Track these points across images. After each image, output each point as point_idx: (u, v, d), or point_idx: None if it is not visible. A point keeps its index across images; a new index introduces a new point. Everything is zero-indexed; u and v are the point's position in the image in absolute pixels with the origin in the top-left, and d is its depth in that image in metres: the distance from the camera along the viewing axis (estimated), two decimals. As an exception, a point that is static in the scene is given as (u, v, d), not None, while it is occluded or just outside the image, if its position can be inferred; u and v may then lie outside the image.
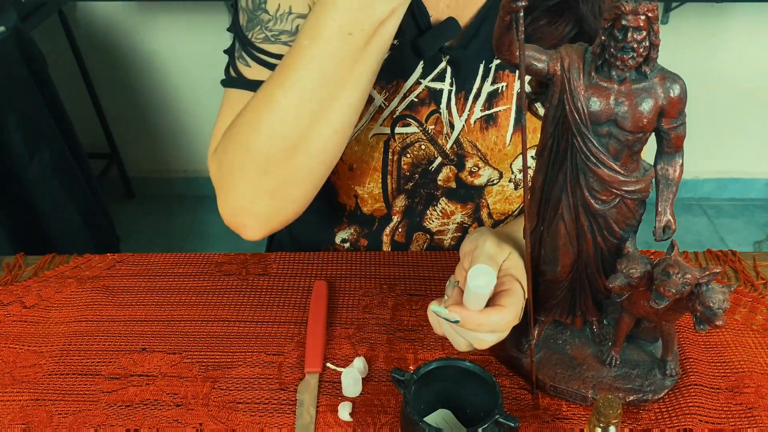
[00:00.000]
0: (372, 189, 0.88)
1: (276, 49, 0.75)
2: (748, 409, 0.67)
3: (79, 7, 2.28)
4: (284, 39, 0.75)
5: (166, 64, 2.39)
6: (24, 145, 1.68)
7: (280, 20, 0.75)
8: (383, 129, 0.82)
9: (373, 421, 0.67)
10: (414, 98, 0.81)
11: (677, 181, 0.60)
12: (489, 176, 0.86)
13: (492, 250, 0.66)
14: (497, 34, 0.53)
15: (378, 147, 0.83)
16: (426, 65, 0.80)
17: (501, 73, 0.81)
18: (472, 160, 0.84)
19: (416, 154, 0.84)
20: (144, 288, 0.85)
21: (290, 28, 0.75)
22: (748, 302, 0.80)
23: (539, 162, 0.62)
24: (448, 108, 0.81)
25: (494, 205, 0.90)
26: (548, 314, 0.71)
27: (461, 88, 0.81)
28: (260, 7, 0.75)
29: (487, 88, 0.81)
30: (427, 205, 0.90)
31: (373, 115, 0.81)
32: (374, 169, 0.85)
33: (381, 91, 0.80)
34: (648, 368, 0.68)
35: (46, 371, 0.74)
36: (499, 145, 0.83)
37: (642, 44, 0.52)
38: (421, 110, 0.81)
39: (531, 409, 0.68)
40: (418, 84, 0.80)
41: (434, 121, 0.82)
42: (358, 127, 0.81)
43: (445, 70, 0.80)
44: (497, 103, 0.81)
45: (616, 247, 0.63)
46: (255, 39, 0.76)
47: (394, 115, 0.81)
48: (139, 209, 2.59)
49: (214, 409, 0.69)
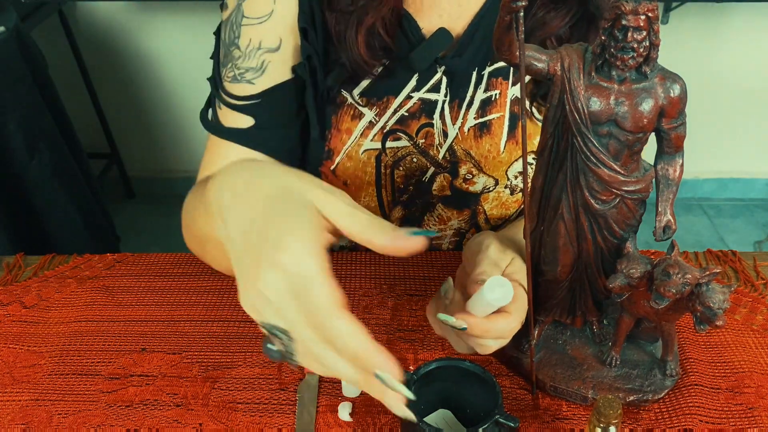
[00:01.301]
0: (368, 203, 0.87)
1: (240, 89, 0.77)
2: (748, 409, 0.67)
3: (79, 7, 2.28)
4: (248, 77, 0.76)
5: (166, 64, 2.39)
6: (24, 145, 1.68)
7: (248, 57, 0.76)
8: (374, 144, 0.81)
9: (373, 422, 0.67)
10: (405, 112, 0.81)
11: (677, 181, 0.60)
12: (484, 183, 0.85)
13: (496, 256, 0.66)
14: (497, 34, 0.53)
15: (370, 162, 0.83)
16: (421, 77, 0.79)
17: (494, 81, 0.80)
18: (466, 166, 0.84)
19: (408, 167, 0.84)
20: (144, 288, 0.85)
21: (256, 65, 0.76)
22: (748, 302, 0.80)
23: (539, 162, 0.62)
24: (442, 117, 0.81)
25: (491, 211, 0.89)
26: (548, 314, 0.71)
27: (455, 96, 0.81)
28: (234, 43, 0.76)
29: (480, 96, 0.81)
30: (424, 212, 0.89)
31: (363, 131, 0.81)
32: (368, 183, 0.85)
33: (372, 108, 0.80)
34: (648, 368, 0.68)
35: (45, 371, 0.74)
36: (493, 152, 0.82)
37: (642, 44, 0.52)
38: (412, 124, 0.81)
39: (531, 409, 0.68)
40: (409, 98, 0.80)
41: (425, 135, 0.82)
42: (348, 144, 0.81)
43: (440, 80, 0.80)
44: (490, 111, 0.81)
45: (616, 247, 0.63)
46: (225, 78, 0.77)
47: (384, 130, 0.81)
48: (139, 209, 2.59)
49: (214, 409, 0.69)
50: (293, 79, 0.78)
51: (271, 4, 0.75)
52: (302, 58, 0.77)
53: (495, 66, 0.80)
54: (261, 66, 0.76)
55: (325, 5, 0.75)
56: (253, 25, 0.75)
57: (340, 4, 0.74)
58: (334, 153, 0.82)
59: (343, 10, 0.74)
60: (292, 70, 0.77)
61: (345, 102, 0.80)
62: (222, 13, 0.79)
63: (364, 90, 0.80)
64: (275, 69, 0.76)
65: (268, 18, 0.75)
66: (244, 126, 0.77)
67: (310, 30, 0.75)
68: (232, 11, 0.76)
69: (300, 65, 0.77)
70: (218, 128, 0.79)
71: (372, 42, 0.75)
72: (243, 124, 0.77)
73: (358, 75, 0.78)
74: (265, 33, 0.75)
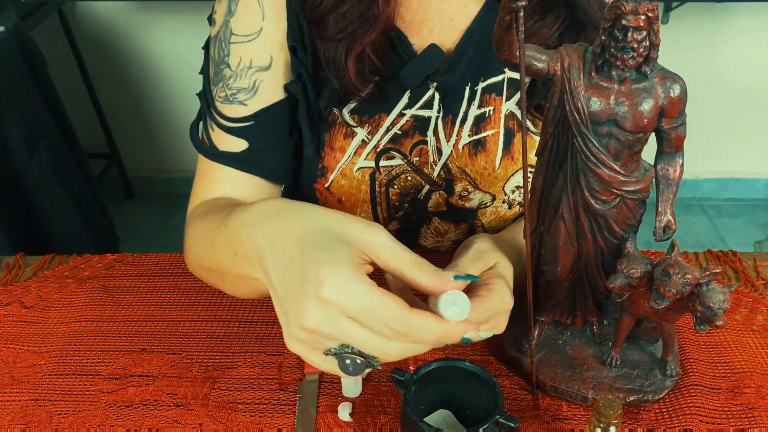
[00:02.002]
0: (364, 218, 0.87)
1: (232, 111, 0.76)
2: (748, 409, 0.67)
3: (79, 6, 2.28)
4: (240, 98, 0.76)
5: (166, 64, 2.39)
6: (24, 145, 1.68)
7: (240, 76, 0.75)
8: (368, 162, 0.81)
9: (373, 422, 0.67)
10: (397, 131, 0.80)
11: (677, 181, 0.60)
12: (480, 200, 0.85)
13: (476, 255, 0.64)
14: (497, 34, 0.53)
15: (364, 180, 0.82)
16: (413, 94, 0.79)
17: (487, 97, 0.80)
18: (461, 184, 0.83)
19: (403, 185, 0.83)
20: (144, 288, 0.85)
21: (248, 85, 0.75)
22: (748, 302, 0.80)
23: (539, 162, 0.62)
24: (436, 134, 0.80)
25: (489, 224, 0.88)
26: (548, 314, 0.71)
27: (448, 112, 0.80)
28: (224, 61, 0.76)
29: (474, 112, 0.80)
30: (420, 225, 0.89)
31: (356, 149, 0.80)
32: (363, 201, 0.84)
33: (364, 126, 0.80)
34: (648, 368, 0.68)
35: (45, 371, 0.74)
36: (489, 169, 0.81)
37: (642, 44, 0.52)
38: (405, 142, 0.81)
39: (531, 410, 0.68)
40: (401, 116, 0.80)
41: (418, 153, 0.81)
42: (342, 162, 0.81)
43: (432, 97, 0.79)
44: (485, 128, 0.80)
45: (616, 247, 0.63)
46: (217, 97, 0.77)
47: (377, 149, 0.81)
48: (139, 209, 2.59)
49: (213, 410, 0.69)
50: (286, 98, 0.78)
51: (260, 21, 0.74)
52: (293, 76, 0.77)
53: (488, 81, 0.79)
54: (253, 86, 0.75)
55: (314, 32, 0.75)
56: (242, 43, 0.75)
57: (329, 31, 0.73)
58: (328, 171, 0.81)
59: (332, 37, 0.74)
60: (284, 89, 0.77)
61: (337, 120, 0.80)
62: (210, 28, 0.78)
63: (355, 108, 0.79)
64: (267, 89, 0.76)
65: (258, 36, 0.75)
66: (238, 150, 0.77)
67: (299, 48, 0.75)
68: (220, 27, 0.76)
69: (292, 83, 0.77)
70: (212, 152, 0.78)
71: (362, 67, 0.75)
72: (236, 148, 0.77)
73: (347, 97, 0.78)
74: (255, 51, 0.75)
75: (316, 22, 0.74)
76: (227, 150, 0.77)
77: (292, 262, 0.48)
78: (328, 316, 0.46)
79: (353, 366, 0.49)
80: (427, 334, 0.48)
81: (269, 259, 0.50)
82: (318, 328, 0.47)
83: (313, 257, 0.47)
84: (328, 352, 0.48)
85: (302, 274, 0.47)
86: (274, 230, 0.51)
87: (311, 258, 0.47)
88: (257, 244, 0.52)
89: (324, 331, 0.47)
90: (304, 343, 0.49)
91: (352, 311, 0.46)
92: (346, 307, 0.46)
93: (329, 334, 0.47)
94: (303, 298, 0.46)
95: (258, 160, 0.78)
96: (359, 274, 0.46)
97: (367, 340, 0.47)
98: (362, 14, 0.73)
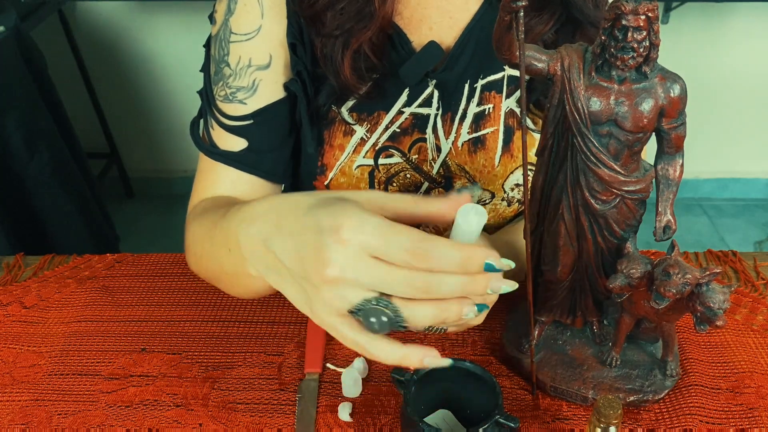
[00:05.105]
0: None
1: (232, 109, 0.77)
2: (748, 409, 0.67)
3: (79, 7, 2.28)
4: (240, 97, 0.76)
5: (166, 64, 2.39)
6: (23, 145, 1.68)
7: (239, 75, 0.76)
8: (367, 161, 0.81)
9: (373, 422, 0.67)
10: (396, 128, 0.80)
11: (677, 181, 0.60)
12: (480, 197, 0.84)
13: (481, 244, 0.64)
14: (497, 34, 0.53)
15: (363, 178, 0.82)
16: (412, 92, 0.79)
17: (487, 95, 0.79)
18: (461, 181, 0.83)
19: (402, 182, 0.83)
20: (144, 288, 0.85)
21: (247, 84, 0.76)
22: (748, 302, 0.80)
23: (539, 162, 0.62)
24: (435, 131, 0.80)
25: (488, 222, 0.88)
26: (549, 315, 0.71)
27: (447, 109, 0.80)
28: (224, 60, 0.76)
29: (473, 109, 0.80)
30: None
31: (356, 147, 0.80)
32: None
33: (363, 124, 0.80)
34: (648, 369, 0.68)
35: (45, 371, 0.74)
36: (488, 167, 0.81)
37: (642, 44, 0.52)
38: (404, 140, 0.80)
39: (531, 410, 0.68)
40: (400, 114, 0.80)
41: (417, 150, 0.81)
42: (341, 160, 0.81)
43: (431, 94, 0.79)
44: (484, 126, 0.80)
45: (616, 247, 0.63)
46: (218, 96, 0.77)
47: (376, 147, 0.80)
48: (139, 209, 2.59)
49: (213, 410, 0.69)
50: (285, 97, 0.78)
51: (259, 19, 0.74)
52: (292, 74, 0.77)
53: (487, 79, 0.79)
54: (252, 85, 0.76)
55: (312, 30, 0.75)
56: (241, 41, 0.75)
57: (327, 28, 0.74)
58: (328, 168, 0.81)
59: (329, 34, 0.74)
60: (284, 87, 0.77)
61: (336, 118, 0.80)
62: (211, 27, 0.78)
63: (354, 106, 0.79)
64: (267, 88, 0.76)
65: (257, 34, 0.75)
66: (237, 149, 0.77)
67: (299, 45, 0.75)
68: (220, 26, 0.76)
69: (292, 81, 0.77)
70: (212, 151, 0.79)
71: (359, 64, 0.75)
72: (236, 147, 0.77)
73: (346, 94, 0.78)
74: (254, 49, 0.75)
75: (314, 19, 0.74)
76: (227, 149, 0.78)
77: (306, 228, 0.49)
78: (350, 258, 0.46)
79: (379, 324, 0.48)
80: (448, 258, 0.47)
81: (277, 241, 0.51)
82: (342, 274, 0.46)
83: (326, 212, 0.48)
84: (354, 311, 0.48)
85: (317, 231, 0.47)
86: (274, 217, 0.52)
87: (324, 213, 0.48)
88: (255, 239, 0.53)
89: (349, 277, 0.47)
90: (331, 308, 0.48)
91: (373, 245, 0.46)
92: (366, 243, 0.46)
93: (354, 280, 0.47)
94: (322, 249, 0.47)
95: (257, 159, 0.78)
96: (372, 213, 0.47)
97: (391, 277, 0.47)
98: (359, 11, 0.73)
